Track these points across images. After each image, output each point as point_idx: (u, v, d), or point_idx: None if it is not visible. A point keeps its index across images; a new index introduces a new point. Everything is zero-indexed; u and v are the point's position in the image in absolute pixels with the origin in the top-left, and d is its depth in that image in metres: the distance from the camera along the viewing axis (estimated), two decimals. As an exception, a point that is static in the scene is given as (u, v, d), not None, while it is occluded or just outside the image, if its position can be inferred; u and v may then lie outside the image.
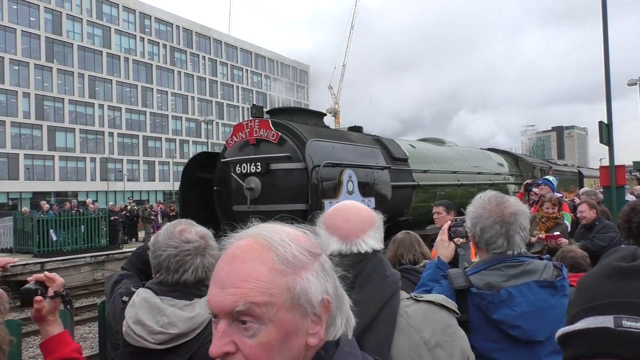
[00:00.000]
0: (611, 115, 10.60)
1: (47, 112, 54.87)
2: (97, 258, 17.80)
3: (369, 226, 1.45)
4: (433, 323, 1.37)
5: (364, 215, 1.49)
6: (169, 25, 67.30)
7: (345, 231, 1.42)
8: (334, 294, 0.92)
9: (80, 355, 1.66)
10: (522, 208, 1.98)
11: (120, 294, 1.98)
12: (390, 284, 1.40)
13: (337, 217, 1.46)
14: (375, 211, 1.54)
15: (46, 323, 1.64)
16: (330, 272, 0.93)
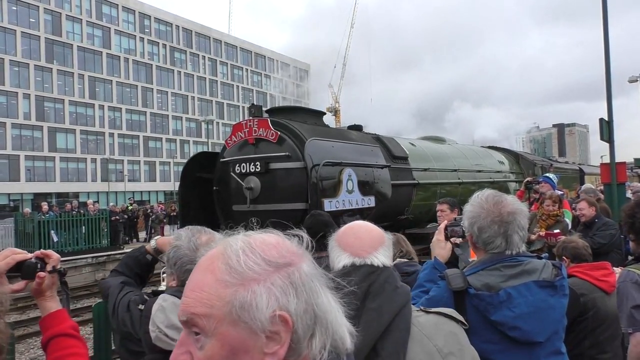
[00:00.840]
0: (612, 113, 10.57)
1: (47, 113, 54.89)
2: (98, 259, 17.81)
3: (379, 244, 1.51)
4: (445, 333, 1.40)
5: (375, 233, 1.55)
6: (168, 25, 67.28)
7: (357, 248, 1.49)
8: (304, 310, 0.81)
9: (76, 332, 1.66)
10: (520, 207, 1.95)
11: (135, 302, 1.97)
12: (401, 294, 1.44)
13: (349, 235, 1.54)
14: (385, 232, 1.60)
15: (44, 298, 1.69)
16: (303, 286, 0.82)
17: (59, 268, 1.72)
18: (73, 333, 1.65)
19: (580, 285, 3.02)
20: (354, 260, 1.46)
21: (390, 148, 8.70)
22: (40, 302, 1.71)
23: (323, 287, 0.86)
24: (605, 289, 3.02)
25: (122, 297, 2.12)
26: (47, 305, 1.70)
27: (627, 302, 2.30)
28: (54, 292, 1.73)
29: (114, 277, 2.44)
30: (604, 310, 2.97)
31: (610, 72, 10.56)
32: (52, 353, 1.60)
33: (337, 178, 6.63)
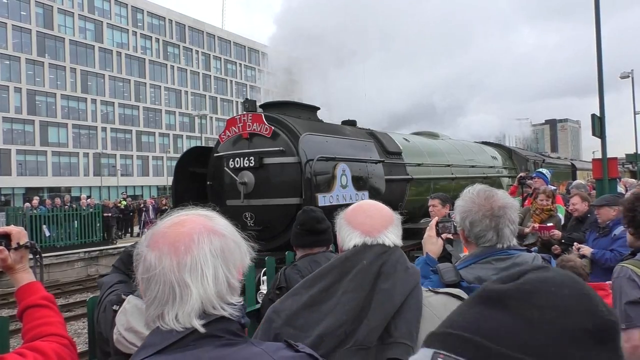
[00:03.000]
0: (603, 108, 10.64)
1: (39, 107, 54.45)
2: (90, 254, 17.75)
3: (389, 223, 1.52)
4: None
5: (385, 212, 1.56)
6: (161, 19, 66.83)
7: (368, 226, 1.49)
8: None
9: (49, 302, 1.69)
10: (511, 201, 1.99)
11: (111, 302, 1.97)
12: (412, 275, 1.44)
13: (359, 213, 1.54)
14: (394, 211, 1.60)
15: (15, 272, 1.76)
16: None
17: (24, 243, 1.77)
18: (45, 303, 1.68)
19: None
20: (365, 240, 1.47)
21: (384, 143, 8.72)
22: (11, 276, 1.78)
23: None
24: None
25: (106, 297, 2.12)
26: (19, 278, 1.75)
27: (621, 298, 2.31)
28: (26, 266, 1.79)
29: (112, 273, 2.44)
30: None
31: (602, 68, 10.63)
32: (26, 324, 1.64)
33: (331, 173, 6.64)
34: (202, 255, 1.03)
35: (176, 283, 1.01)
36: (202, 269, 1.02)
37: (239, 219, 6.83)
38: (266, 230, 6.66)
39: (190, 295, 1.00)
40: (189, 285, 1.01)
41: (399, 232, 1.53)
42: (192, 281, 1.01)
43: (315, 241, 2.97)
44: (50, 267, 16.52)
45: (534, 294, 0.59)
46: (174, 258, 1.01)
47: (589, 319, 0.56)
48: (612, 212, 4.90)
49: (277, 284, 2.92)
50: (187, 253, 1.02)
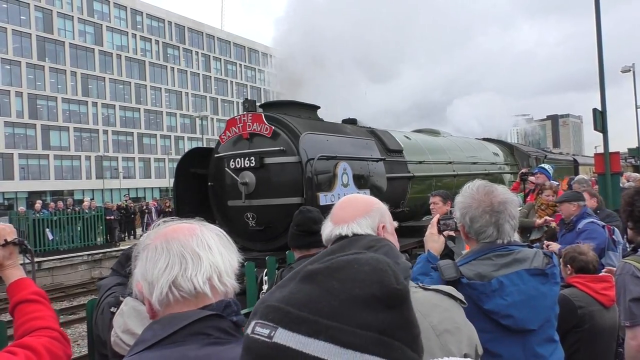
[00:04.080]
0: (605, 102, 10.60)
1: (40, 111, 54.54)
2: (94, 256, 17.78)
3: (360, 214, 1.53)
4: (441, 310, 1.38)
5: (358, 204, 1.59)
6: (160, 21, 66.87)
7: (339, 218, 1.55)
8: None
9: (40, 298, 1.69)
10: (511, 196, 1.97)
11: (109, 304, 1.96)
12: (401, 270, 1.40)
13: (336, 207, 1.62)
14: (377, 201, 1.61)
15: (4, 269, 1.78)
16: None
17: (12, 240, 1.79)
18: (36, 298, 1.68)
19: (579, 297, 2.96)
20: (340, 231, 1.51)
21: (384, 141, 8.70)
22: (1, 273, 1.79)
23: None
24: (604, 302, 2.94)
25: (104, 299, 2.11)
26: (9, 275, 1.77)
27: (625, 295, 2.26)
28: (15, 262, 1.81)
29: (111, 276, 2.43)
30: (601, 325, 2.91)
31: (602, 62, 10.59)
32: (17, 319, 1.64)
33: (332, 172, 6.63)
34: (206, 237, 1.13)
35: (187, 253, 1.08)
36: (209, 244, 1.11)
37: (241, 219, 6.83)
38: (268, 230, 6.65)
39: (201, 261, 1.08)
40: (198, 254, 1.09)
41: (371, 222, 1.52)
42: (201, 251, 1.09)
43: (313, 242, 2.93)
44: (54, 270, 16.56)
45: (339, 270, 0.70)
46: (182, 239, 1.10)
47: (378, 288, 0.67)
48: (572, 208, 4.98)
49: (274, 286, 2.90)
50: (192, 235, 1.12)
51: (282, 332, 0.65)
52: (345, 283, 0.68)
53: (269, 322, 0.67)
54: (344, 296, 0.66)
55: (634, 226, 2.55)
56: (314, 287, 0.69)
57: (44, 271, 16.24)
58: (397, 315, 0.67)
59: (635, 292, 2.23)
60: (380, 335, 0.64)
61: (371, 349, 0.63)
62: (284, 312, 0.67)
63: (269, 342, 0.65)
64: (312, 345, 0.63)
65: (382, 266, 0.71)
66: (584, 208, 5.02)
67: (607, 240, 4.65)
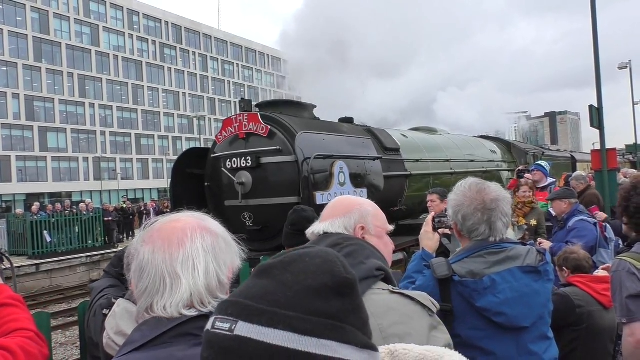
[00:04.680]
0: (601, 99, 10.60)
1: (37, 112, 54.42)
2: (92, 258, 17.76)
3: (339, 214, 1.56)
4: (398, 315, 1.33)
5: (342, 204, 1.62)
6: (157, 21, 66.76)
7: (322, 216, 1.61)
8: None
9: (16, 302, 1.68)
10: (504, 194, 1.97)
11: (101, 306, 1.94)
12: (361, 270, 1.37)
13: (326, 207, 1.66)
14: (363, 203, 1.61)
15: None
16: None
17: None
18: (12, 302, 1.68)
19: (580, 296, 2.96)
20: (313, 228, 1.57)
21: (381, 140, 8.69)
22: None
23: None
24: (604, 303, 2.94)
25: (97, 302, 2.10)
26: None
27: (622, 291, 2.26)
28: None
29: (103, 278, 2.42)
30: (600, 325, 2.90)
31: (599, 59, 10.59)
32: None
33: (328, 171, 6.62)
34: (195, 249, 1.08)
35: (167, 274, 1.05)
36: (194, 261, 1.07)
37: (238, 219, 6.82)
38: (265, 229, 6.65)
39: (180, 285, 1.05)
40: (179, 275, 1.05)
41: (346, 222, 1.53)
42: (183, 272, 1.06)
43: (307, 241, 2.92)
44: (52, 272, 16.54)
45: (292, 264, 0.74)
46: (167, 251, 1.07)
47: (330, 278, 0.72)
48: (563, 205, 4.98)
49: None
50: (180, 246, 1.07)
51: (243, 324, 0.68)
52: (299, 275, 0.72)
53: (229, 317, 0.70)
54: (298, 287, 0.70)
55: (629, 221, 2.54)
56: (270, 280, 0.72)
57: (42, 273, 16.22)
58: (348, 301, 0.72)
59: (632, 289, 2.23)
60: (334, 321, 0.69)
61: (327, 333, 0.67)
62: (242, 306, 0.70)
63: (230, 335, 0.68)
64: (273, 335, 0.66)
65: (331, 258, 0.76)
66: (576, 205, 5.01)
67: (598, 237, 4.64)
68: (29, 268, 15.86)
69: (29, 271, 15.85)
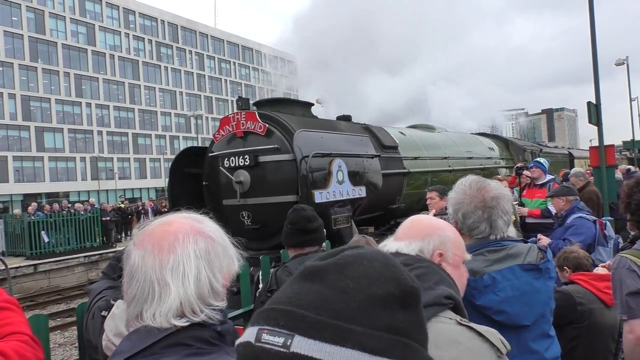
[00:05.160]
0: (599, 95, 10.61)
1: (34, 112, 54.24)
2: (90, 258, 17.72)
3: (416, 235, 1.48)
4: (462, 349, 1.23)
5: (421, 225, 1.54)
6: (153, 20, 66.56)
7: (397, 235, 1.55)
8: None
9: (11, 305, 1.66)
10: (504, 192, 1.96)
11: (100, 308, 1.92)
12: (427, 295, 1.26)
13: (403, 224, 1.59)
14: (443, 227, 1.53)
15: None
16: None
17: None
18: (6, 306, 1.65)
19: (582, 293, 2.95)
20: (386, 246, 1.51)
21: (379, 137, 8.68)
22: None
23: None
24: (606, 301, 2.93)
25: (95, 303, 2.08)
26: None
27: (622, 288, 2.27)
28: None
29: (101, 280, 2.40)
30: (601, 323, 2.90)
31: (597, 55, 10.60)
32: None
33: (327, 169, 6.59)
34: (186, 254, 1.03)
35: (156, 281, 1.00)
36: (184, 268, 1.02)
37: (236, 218, 6.80)
38: (263, 228, 6.63)
39: (169, 294, 1.00)
40: (168, 283, 1.00)
41: (423, 246, 1.44)
42: (173, 280, 1.00)
43: (306, 240, 2.90)
44: (50, 272, 16.50)
45: (348, 267, 0.64)
46: (157, 256, 1.02)
47: (395, 286, 0.63)
48: (561, 202, 4.96)
49: (268, 286, 2.88)
50: (171, 252, 1.02)
51: (301, 339, 0.58)
52: (360, 281, 0.62)
53: (281, 329, 0.59)
54: (362, 296, 0.61)
55: (631, 218, 2.54)
56: (325, 286, 0.62)
57: (41, 274, 16.17)
58: (414, 314, 0.64)
59: (632, 286, 2.23)
60: (403, 338, 0.60)
61: (398, 353, 0.59)
62: (298, 316, 0.60)
63: (286, 352, 0.58)
64: (340, 354, 0.56)
65: (392, 262, 0.67)
66: (575, 202, 4.98)
67: (597, 235, 4.60)
68: (26, 268, 15.82)
69: (27, 272, 15.80)
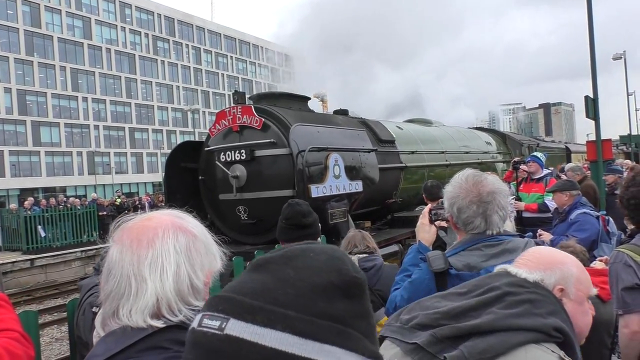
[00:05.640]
0: (597, 90, 10.60)
1: (30, 107, 53.98)
2: (87, 252, 17.68)
3: (536, 267, 1.40)
4: None
5: (538, 256, 1.46)
6: (150, 13, 66.18)
7: (517, 262, 1.45)
8: None
9: (1, 301, 1.63)
10: (500, 186, 1.93)
11: (90, 304, 1.90)
12: (535, 321, 1.20)
13: (529, 251, 1.51)
14: (569, 262, 1.46)
15: None
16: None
17: None
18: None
19: None
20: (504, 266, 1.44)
21: (376, 132, 8.65)
22: None
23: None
24: (602, 296, 2.86)
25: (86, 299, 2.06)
26: None
27: (617, 283, 2.27)
28: None
29: (93, 276, 2.38)
30: (596, 318, 2.86)
31: (594, 49, 10.58)
32: None
33: (323, 163, 6.57)
34: (165, 250, 1.00)
35: (133, 276, 0.97)
36: (163, 263, 0.99)
37: (232, 212, 6.78)
38: (260, 223, 6.61)
39: (146, 290, 0.96)
40: (145, 279, 0.97)
41: (544, 277, 1.36)
42: (150, 275, 0.97)
43: (301, 235, 2.88)
44: (47, 267, 16.46)
45: (294, 259, 0.67)
46: (136, 251, 0.99)
47: (337, 276, 0.65)
48: (564, 197, 4.91)
49: None
50: (150, 247, 0.99)
51: (235, 322, 0.61)
52: (302, 271, 0.65)
53: (219, 314, 0.63)
54: (301, 284, 0.63)
55: (628, 213, 2.54)
56: (268, 275, 0.65)
57: (37, 268, 16.14)
58: (356, 304, 0.65)
59: (627, 281, 2.23)
60: (340, 325, 0.62)
61: (331, 338, 0.61)
62: (235, 302, 0.63)
63: (220, 334, 0.61)
64: (269, 336, 0.59)
65: (338, 255, 0.69)
66: (578, 197, 4.93)
67: (600, 231, 4.56)
68: (23, 263, 15.78)
69: (24, 266, 15.76)
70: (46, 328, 10.36)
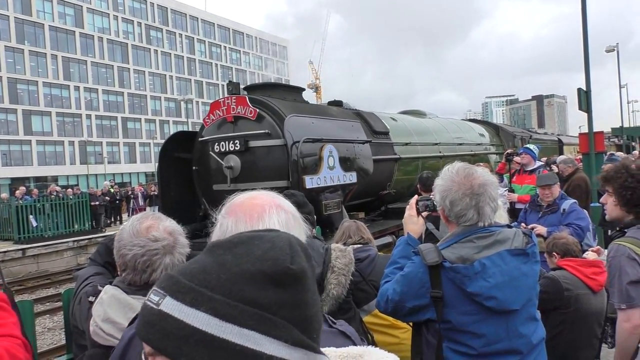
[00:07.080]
0: (589, 82, 10.64)
1: (21, 95, 53.39)
2: (79, 242, 17.62)
3: None
4: None
5: None
6: (142, 2, 65.43)
7: None
8: None
9: (1, 302, 1.63)
10: (491, 178, 1.95)
11: (87, 293, 1.91)
12: None
13: None
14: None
15: None
16: None
17: None
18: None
19: (569, 279, 2.97)
20: None
21: (370, 123, 8.65)
22: None
23: None
24: (592, 287, 2.94)
25: (82, 289, 2.07)
26: None
27: (622, 277, 2.21)
28: None
29: (89, 266, 2.38)
30: (587, 309, 2.91)
31: (587, 41, 10.60)
32: None
33: (317, 155, 6.57)
34: (272, 223, 1.16)
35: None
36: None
37: (226, 203, 6.76)
38: (254, 214, 6.60)
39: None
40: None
41: None
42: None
43: None
44: (39, 257, 16.40)
45: (239, 245, 0.70)
46: (249, 223, 1.14)
47: (270, 265, 0.67)
48: (557, 189, 5.07)
49: None
50: (260, 220, 1.16)
51: (169, 300, 0.67)
52: (240, 258, 0.69)
53: (161, 290, 0.68)
54: (235, 270, 0.67)
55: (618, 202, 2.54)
56: (211, 259, 0.70)
57: (29, 258, 16.07)
58: (286, 294, 0.67)
59: (633, 275, 2.18)
60: (263, 312, 0.65)
61: (250, 323, 0.64)
62: (173, 281, 0.68)
63: (155, 308, 0.67)
64: (192, 316, 0.64)
65: (281, 245, 0.71)
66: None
67: None
68: (15, 253, 15.71)
69: (15, 256, 15.69)
70: (38, 318, 10.36)
